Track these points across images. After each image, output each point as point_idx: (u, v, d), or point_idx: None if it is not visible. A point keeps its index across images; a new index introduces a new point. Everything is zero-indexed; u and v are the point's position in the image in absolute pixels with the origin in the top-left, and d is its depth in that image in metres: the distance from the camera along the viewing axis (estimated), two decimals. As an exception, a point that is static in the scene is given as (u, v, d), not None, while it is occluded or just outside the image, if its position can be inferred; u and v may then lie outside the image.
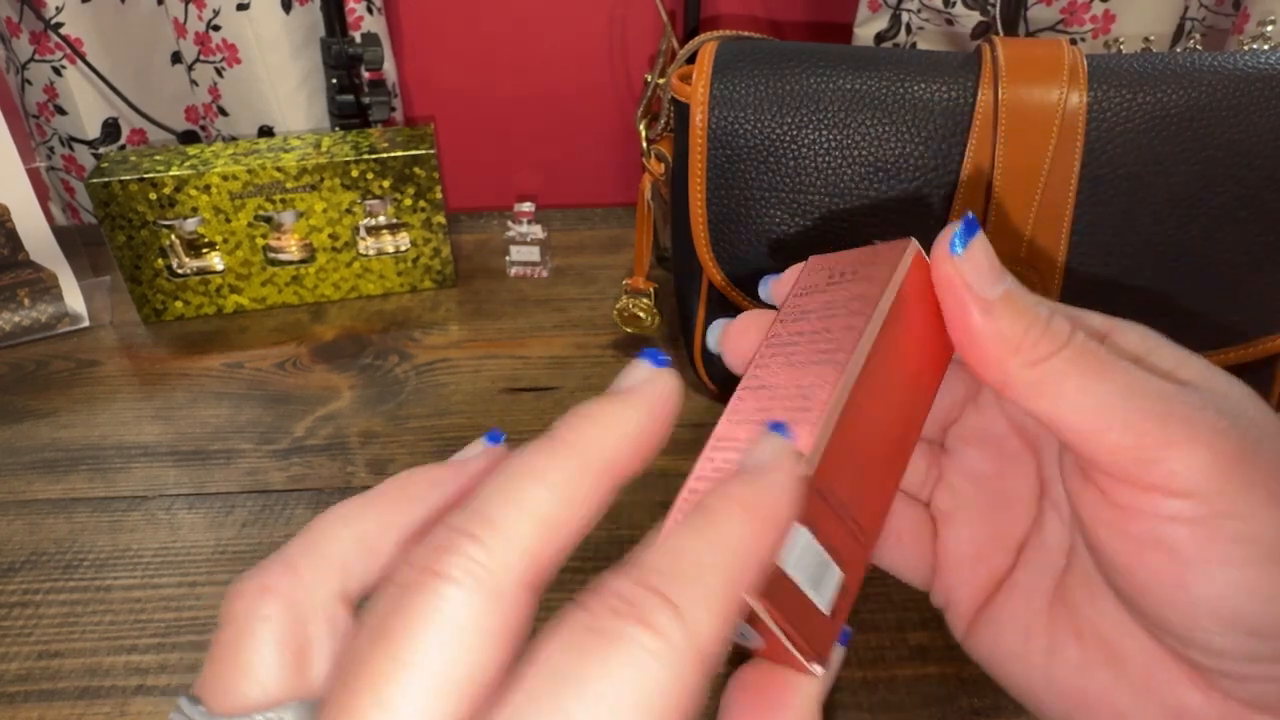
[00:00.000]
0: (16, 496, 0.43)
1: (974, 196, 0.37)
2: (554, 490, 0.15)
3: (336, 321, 0.56)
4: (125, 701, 0.34)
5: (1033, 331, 0.19)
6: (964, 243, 0.19)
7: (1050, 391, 0.18)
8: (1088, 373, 0.18)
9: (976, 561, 0.23)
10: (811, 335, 0.21)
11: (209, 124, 0.72)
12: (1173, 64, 0.37)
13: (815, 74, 0.38)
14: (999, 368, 0.19)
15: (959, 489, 0.24)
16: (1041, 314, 0.19)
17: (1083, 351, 0.19)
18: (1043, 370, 0.19)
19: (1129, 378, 0.18)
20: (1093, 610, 0.21)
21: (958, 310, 0.20)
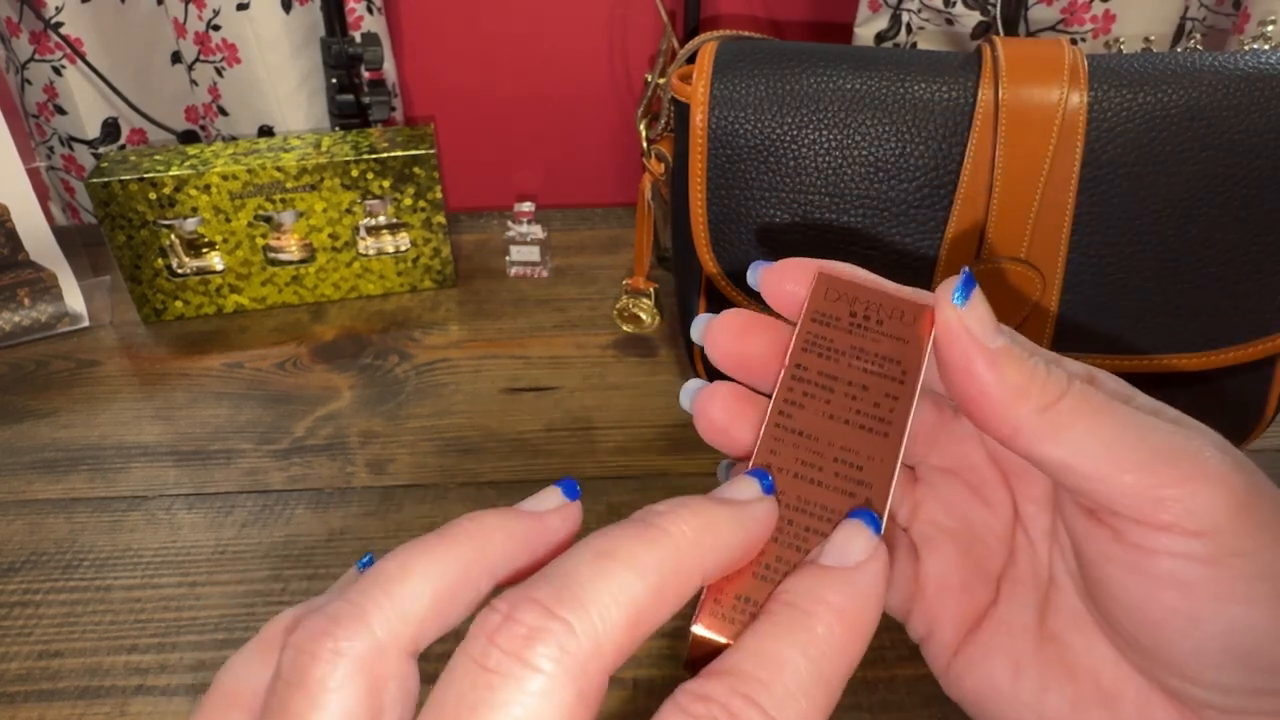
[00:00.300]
0: (16, 496, 0.43)
1: (974, 196, 0.37)
2: (648, 581, 0.15)
3: (336, 321, 0.56)
4: (125, 701, 0.34)
5: (1038, 377, 0.19)
6: (965, 295, 0.20)
7: (1061, 436, 0.19)
8: (1095, 415, 0.19)
9: (960, 591, 0.23)
10: (848, 387, 0.20)
11: (209, 124, 0.72)
12: (1173, 64, 0.37)
13: (815, 74, 0.38)
14: (1009, 416, 0.19)
15: (938, 518, 0.24)
16: (1040, 362, 0.20)
17: (1085, 396, 0.19)
18: (1052, 415, 0.19)
19: (1135, 419, 0.19)
20: (1084, 648, 0.21)
21: (963, 361, 0.20)
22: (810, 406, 0.20)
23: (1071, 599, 0.21)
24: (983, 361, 0.19)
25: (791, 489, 0.19)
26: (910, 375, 0.20)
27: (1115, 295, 0.38)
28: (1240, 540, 0.17)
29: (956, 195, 0.37)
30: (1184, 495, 0.17)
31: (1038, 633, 0.22)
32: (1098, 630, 0.21)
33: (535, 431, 0.47)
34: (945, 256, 0.38)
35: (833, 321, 0.21)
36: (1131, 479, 0.18)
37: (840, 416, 0.20)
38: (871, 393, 0.20)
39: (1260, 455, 0.44)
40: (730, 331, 0.22)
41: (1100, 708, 0.20)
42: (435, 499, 0.43)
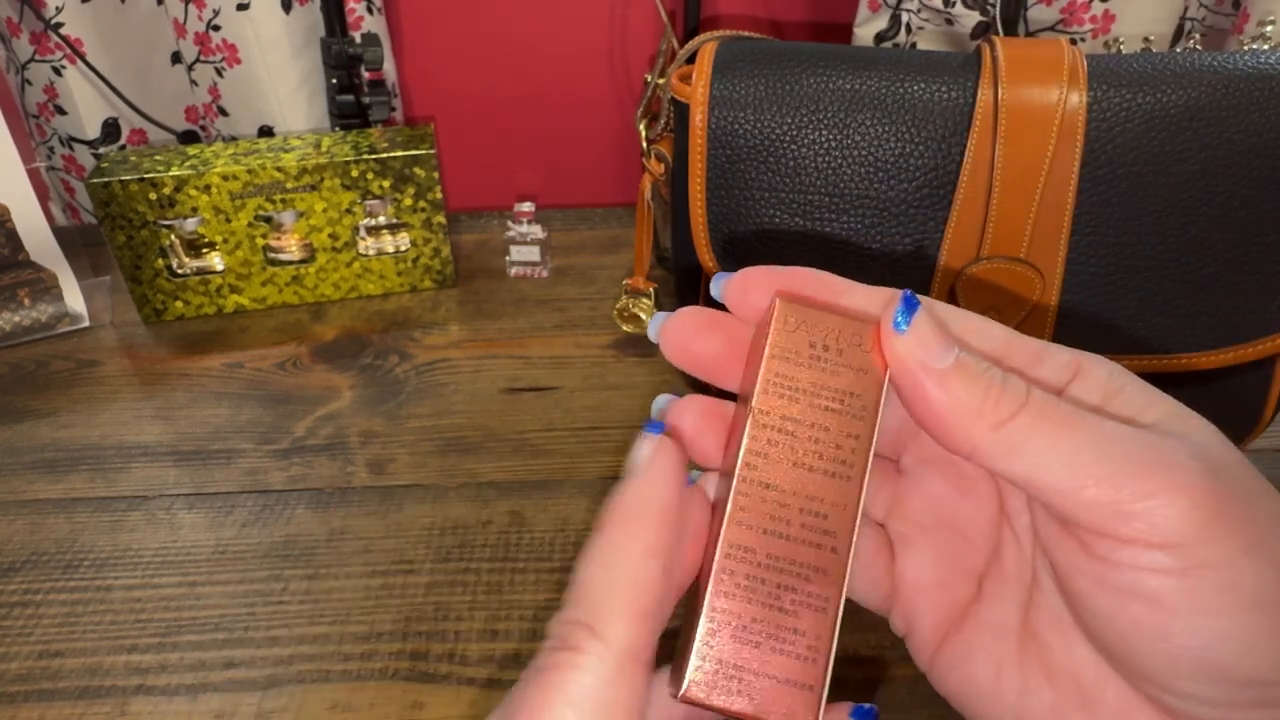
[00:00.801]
0: (17, 496, 0.43)
1: (974, 196, 0.37)
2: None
3: (336, 321, 0.56)
4: (125, 701, 0.34)
5: (990, 394, 0.19)
6: (907, 319, 0.20)
7: (1019, 451, 0.18)
8: (1054, 429, 0.18)
9: (938, 589, 0.23)
10: (810, 430, 0.21)
11: (209, 124, 0.72)
12: (1172, 64, 0.37)
13: (815, 74, 0.38)
14: (964, 435, 0.19)
15: (917, 513, 0.24)
16: (995, 376, 0.19)
17: (1044, 408, 0.19)
18: (1008, 431, 0.19)
19: (1097, 429, 0.18)
20: (1064, 651, 0.21)
21: (913, 386, 0.20)
22: (774, 455, 0.20)
23: (1053, 598, 0.21)
24: (931, 384, 0.19)
25: (762, 546, 0.20)
26: (869, 410, 0.21)
27: (1115, 295, 0.38)
28: (1208, 551, 0.17)
29: (956, 195, 0.38)
30: (1148, 509, 0.17)
31: (1020, 632, 0.22)
32: (1078, 632, 0.21)
33: (535, 431, 0.47)
34: (945, 256, 0.38)
35: (793, 356, 0.21)
36: (1093, 493, 0.18)
37: (804, 463, 0.20)
38: (833, 433, 0.21)
39: (1260, 455, 0.44)
40: (687, 330, 0.22)
41: (1080, 711, 0.20)
42: (435, 499, 0.43)
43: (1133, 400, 0.19)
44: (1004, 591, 0.22)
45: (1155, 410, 0.19)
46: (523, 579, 0.38)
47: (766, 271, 0.22)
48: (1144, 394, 0.20)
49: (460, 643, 0.36)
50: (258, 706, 0.33)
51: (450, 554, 0.40)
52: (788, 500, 0.20)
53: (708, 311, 0.23)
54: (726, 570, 0.20)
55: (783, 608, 0.20)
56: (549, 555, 0.39)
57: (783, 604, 0.20)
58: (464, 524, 0.41)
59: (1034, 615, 0.22)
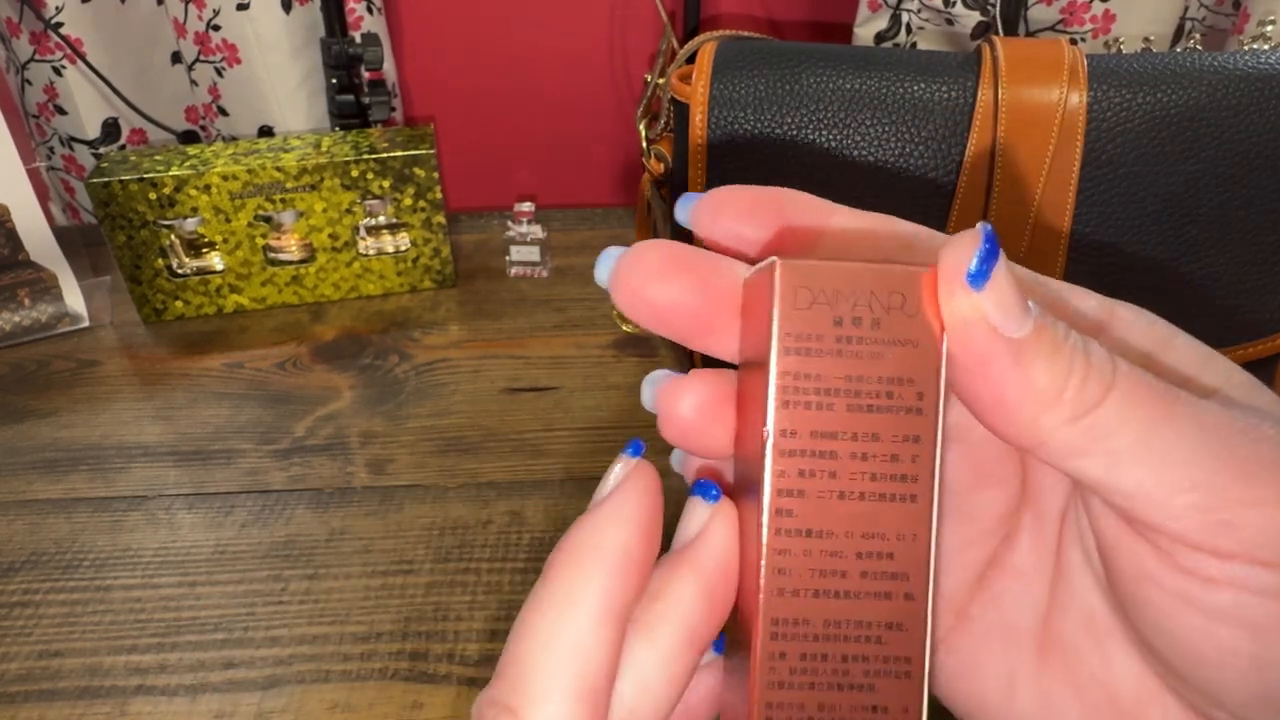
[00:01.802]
0: (17, 496, 0.43)
1: (974, 196, 0.37)
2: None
3: (336, 321, 0.56)
4: (125, 701, 0.34)
5: (1075, 372, 0.14)
6: (984, 273, 0.15)
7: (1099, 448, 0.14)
8: (1147, 418, 0.14)
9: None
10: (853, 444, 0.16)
11: (209, 124, 0.72)
12: (1173, 64, 0.37)
13: (815, 74, 0.38)
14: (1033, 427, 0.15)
15: None
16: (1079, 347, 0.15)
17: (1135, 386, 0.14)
18: (1090, 423, 0.14)
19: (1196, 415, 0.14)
20: (1099, 662, 0.17)
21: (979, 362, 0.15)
22: (812, 491, 0.15)
23: (1086, 598, 0.17)
24: (1006, 360, 0.14)
25: (816, 613, 0.15)
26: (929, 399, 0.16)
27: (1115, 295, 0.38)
28: None
29: (956, 195, 0.37)
30: (1256, 519, 0.14)
31: (1039, 637, 0.18)
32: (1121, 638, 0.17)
33: (535, 431, 0.47)
34: (945, 256, 0.39)
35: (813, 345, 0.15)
36: (1189, 499, 0.14)
37: (853, 492, 0.16)
38: (884, 441, 0.15)
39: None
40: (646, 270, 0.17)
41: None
42: (435, 499, 0.43)
43: (1186, 355, 0.16)
44: (1016, 588, 0.18)
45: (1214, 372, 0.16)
46: (523, 579, 0.38)
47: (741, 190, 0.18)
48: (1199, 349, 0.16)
49: (460, 643, 0.36)
50: (257, 707, 0.33)
51: (450, 554, 0.40)
52: (839, 546, 0.16)
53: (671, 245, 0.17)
54: (774, 655, 0.15)
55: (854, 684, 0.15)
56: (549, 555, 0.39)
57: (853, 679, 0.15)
58: (464, 524, 0.41)
59: (1058, 618, 0.18)
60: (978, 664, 0.19)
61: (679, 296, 0.17)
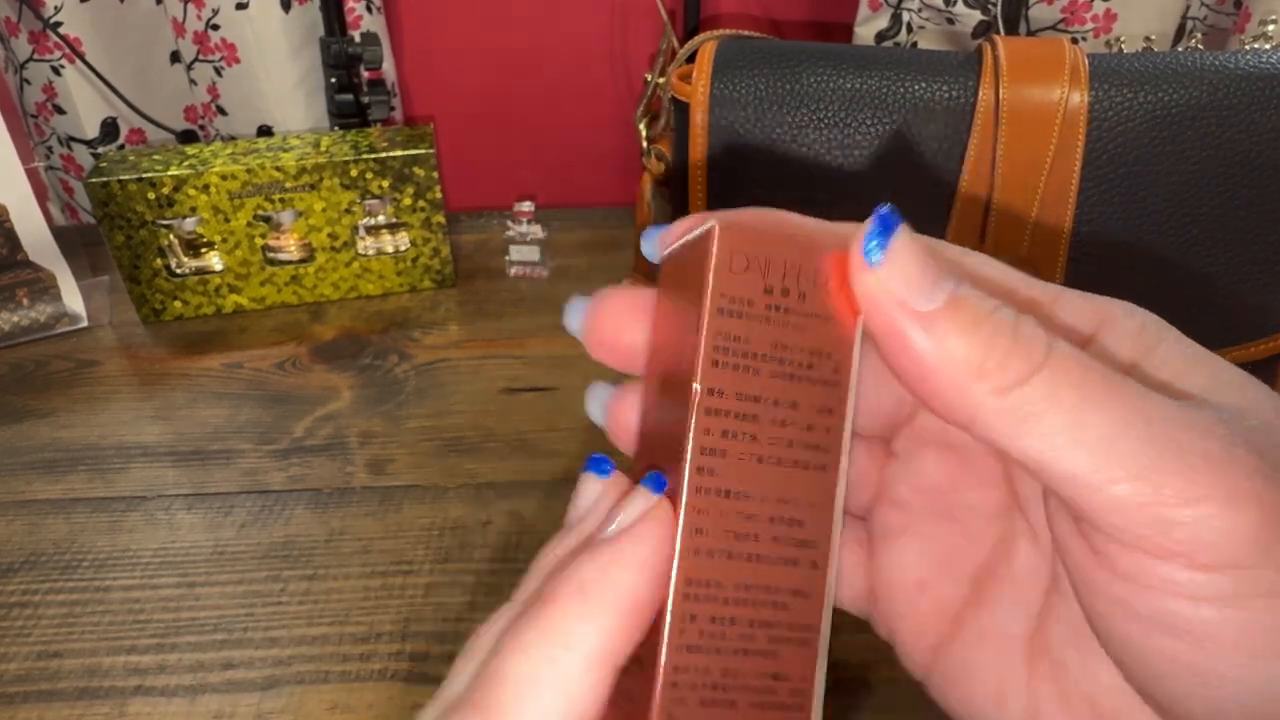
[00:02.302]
0: (16, 496, 0.43)
1: (975, 196, 0.37)
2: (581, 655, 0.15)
3: (336, 321, 0.56)
4: (124, 701, 0.34)
5: (998, 345, 0.14)
6: (883, 245, 0.15)
7: (1032, 426, 0.14)
8: (1081, 399, 0.14)
9: (918, 589, 0.19)
10: (774, 410, 0.16)
11: (208, 123, 0.72)
12: (1174, 63, 0.37)
13: (816, 73, 0.38)
14: (959, 399, 0.15)
15: (907, 503, 0.20)
16: (1005, 320, 0.15)
17: (1069, 368, 0.14)
18: (1019, 397, 0.14)
19: (1139, 404, 0.14)
20: (1083, 673, 0.17)
21: (891, 335, 0.15)
22: (734, 452, 0.16)
23: (1074, 607, 0.17)
24: (916, 331, 0.15)
25: (730, 576, 0.15)
26: (843, 370, 0.16)
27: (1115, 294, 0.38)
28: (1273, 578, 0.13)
29: (957, 195, 0.37)
30: (1197, 517, 0.13)
31: (1029, 645, 0.18)
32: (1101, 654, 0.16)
33: (535, 431, 0.47)
34: (946, 256, 0.38)
35: (745, 309, 0.16)
36: (1126, 490, 0.13)
37: (770, 456, 0.16)
38: (802, 410, 0.16)
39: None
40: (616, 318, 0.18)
41: None
42: (435, 499, 0.43)
43: (1170, 361, 0.15)
44: (1011, 595, 0.18)
45: (1199, 374, 0.15)
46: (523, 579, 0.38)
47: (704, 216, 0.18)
48: (1184, 352, 0.16)
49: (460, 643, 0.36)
50: (256, 707, 0.33)
51: (450, 554, 0.40)
52: (754, 509, 0.16)
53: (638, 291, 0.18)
54: (686, 617, 0.15)
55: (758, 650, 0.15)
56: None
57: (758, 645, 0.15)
58: (463, 524, 0.41)
59: (1049, 626, 0.18)
60: (970, 670, 0.18)
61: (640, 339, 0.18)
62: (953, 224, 0.38)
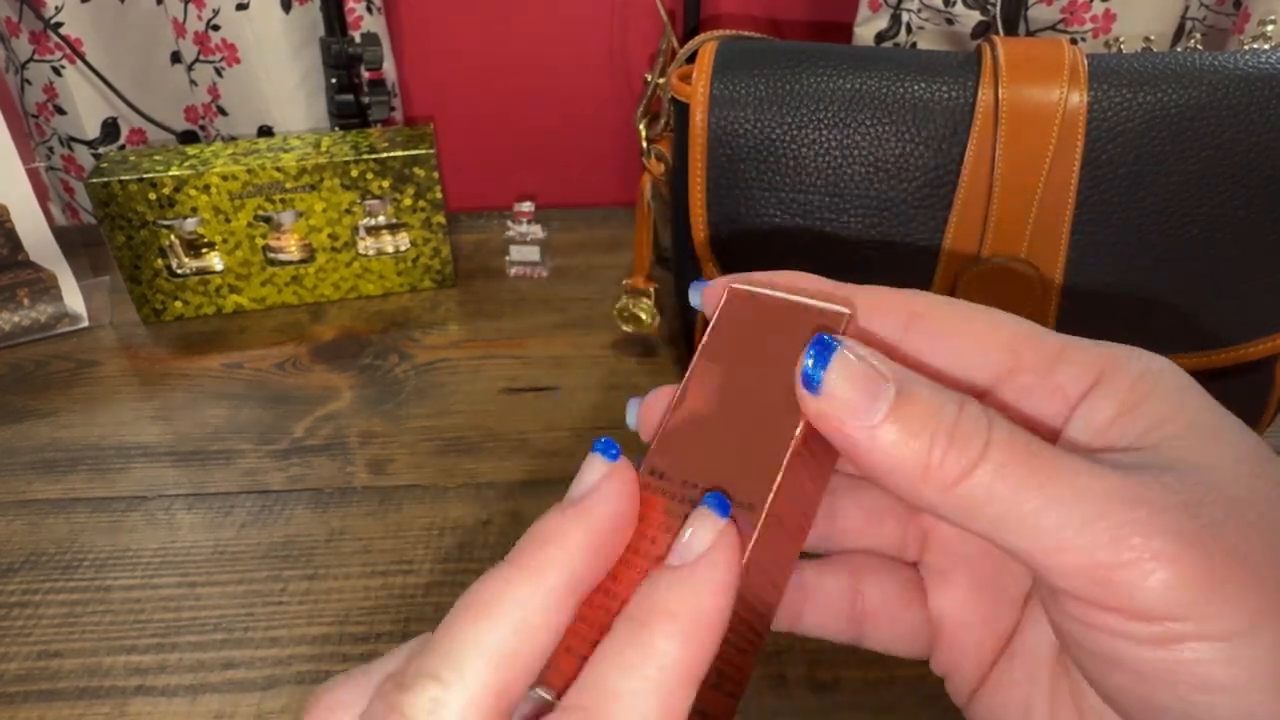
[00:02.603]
0: (16, 496, 0.43)
1: (974, 196, 0.37)
2: (513, 624, 0.15)
3: (336, 321, 0.56)
4: (125, 701, 0.34)
5: (936, 447, 0.16)
6: (818, 375, 0.17)
7: (979, 514, 0.16)
8: (1017, 487, 0.15)
9: (981, 625, 0.21)
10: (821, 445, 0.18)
11: (208, 124, 0.72)
12: (1173, 64, 0.37)
13: (815, 74, 0.38)
14: (915, 495, 0.16)
15: (952, 545, 0.21)
16: (945, 420, 0.16)
17: (1007, 457, 0.16)
18: (962, 493, 0.16)
19: (1071, 480, 0.15)
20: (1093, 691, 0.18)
21: (846, 445, 0.17)
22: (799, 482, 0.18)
23: None
24: (863, 443, 0.16)
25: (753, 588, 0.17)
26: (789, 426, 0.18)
27: (1115, 295, 0.38)
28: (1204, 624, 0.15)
29: (956, 195, 0.37)
30: (1127, 579, 0.15)
31: (1053, 666, 0.19)
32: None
33: (535, 431, 0.47)
34: (945, 256, 0.38)
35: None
36: (1065, 560, 0.15)
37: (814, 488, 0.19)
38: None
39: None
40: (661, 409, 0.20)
41: None
42: (435, 499, 0.43)
43: (1151, 411, 0.17)
44: (1041, 618, 0.20)
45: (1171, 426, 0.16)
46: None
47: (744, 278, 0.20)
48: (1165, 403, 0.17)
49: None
50: (257, 707, 0.33)
51: (450, 554, 0.40)
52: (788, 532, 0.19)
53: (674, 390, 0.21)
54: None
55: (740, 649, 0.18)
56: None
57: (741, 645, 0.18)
58: (464, 524, 0.41)
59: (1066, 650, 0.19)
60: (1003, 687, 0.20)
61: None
62: (952, 225, 0.38)
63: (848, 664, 0.34)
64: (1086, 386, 0.17)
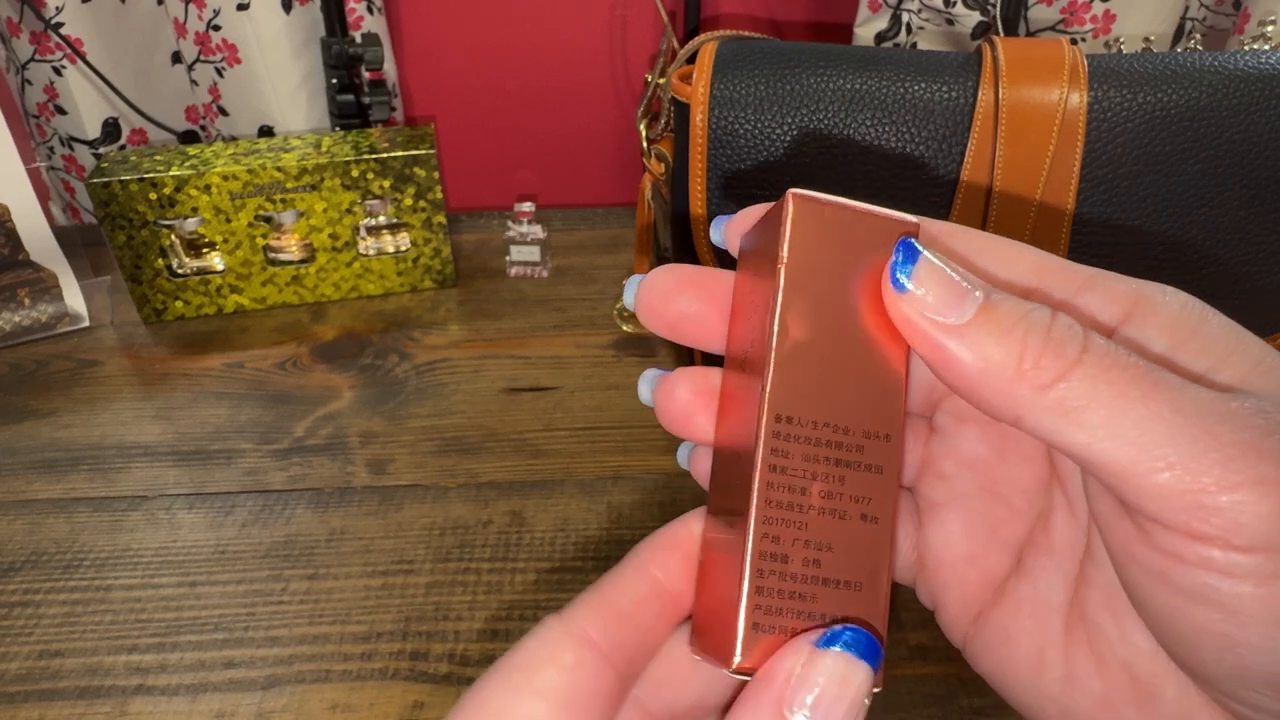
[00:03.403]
0: (17, 496, 0.43)
1: (975, 196, 0.37)
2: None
3: (336, 321, 0.56)
4: (125, 701, 0.34)
5: (1031, 346, 0.15)
6: (906, 273, 0.16)
7: (1075, 420, 0.15)
8: (1120, 393, 0.15)
9: (967, 562, 0.20)
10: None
11: (209, 124, 0.72)
12: (1173, 64, 0.37)
13: (815, 74, 0.38)
14: (1003, 400, 0.16)
15: (951, 476, 0.21)
16: (1038, 321, 0.16)
17: (1107, 364, 0.15)
18: (1059, 394, 0.15)
19: (1176, 396, 0.15)
20: (1119, 638, 0.18)
21: (930, 350, 0.16)
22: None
23: (1110, 575, 0.18)
24: (952, 344, 0.16)
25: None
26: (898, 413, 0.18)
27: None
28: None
29: (956, 195, 0.37)
30: (1233, 503, 0.14)
31: (1067, 613, 0.19)
32: (1138, 622, 0.17)
33: (535, 431, 0.47)
34: (945, 256, 0.38)
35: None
36: (1165, 479, 0.14)
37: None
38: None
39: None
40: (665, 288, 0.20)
41: (1133, 708, 0.17)
42: (435, 499, 0.43)
43: (1213, 344, 0.16)
44: (1050, 565, 0.19)
45: (1240, 360, 0.16)
46: (523, 579, 0.38)
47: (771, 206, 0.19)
48: (1228, 336, 0.16)
49: (460, 643, 0.36)
50: (257, 707, 0.33)
51: (450, 554, 0.40)
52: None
53: (687, 268, 0.21)
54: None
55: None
56: (549, 555, 0.39)
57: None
58: (464, 524, 0.41)
59: (1085, 594, 0.18)
60: (1010, 636, 0.19)
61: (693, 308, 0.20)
62: (952, 224, 0.38)
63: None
64: (1120, 316, 0.17)
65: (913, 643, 0.35)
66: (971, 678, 0.34)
